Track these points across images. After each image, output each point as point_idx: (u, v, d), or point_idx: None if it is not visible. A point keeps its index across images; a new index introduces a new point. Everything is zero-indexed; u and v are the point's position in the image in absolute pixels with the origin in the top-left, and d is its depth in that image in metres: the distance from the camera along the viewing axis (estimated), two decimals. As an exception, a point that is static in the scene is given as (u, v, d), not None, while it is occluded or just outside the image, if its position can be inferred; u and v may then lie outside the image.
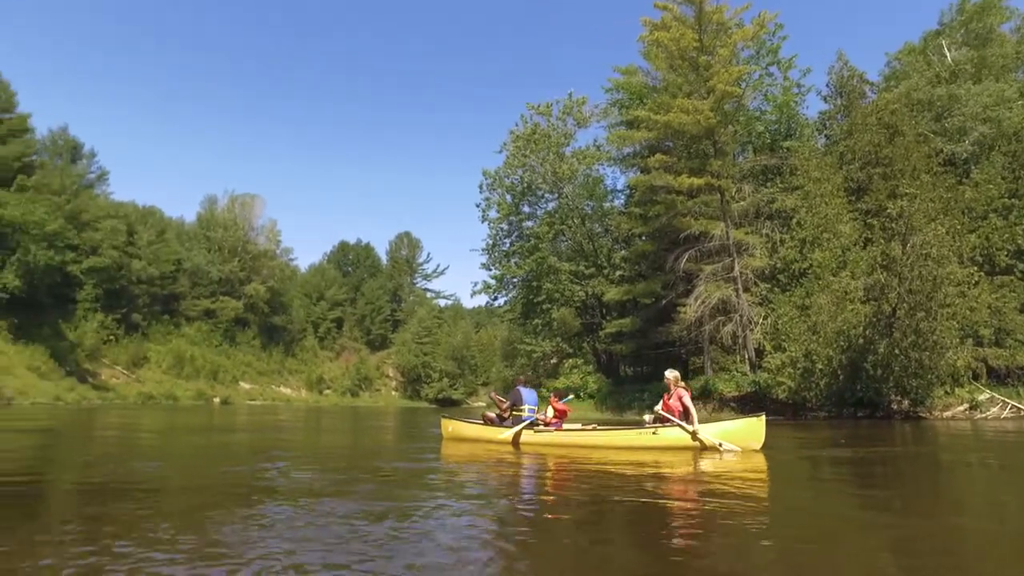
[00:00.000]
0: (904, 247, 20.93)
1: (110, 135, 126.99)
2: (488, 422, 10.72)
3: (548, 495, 5.53)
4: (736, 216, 29.54)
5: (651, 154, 30.57)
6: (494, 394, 11.84)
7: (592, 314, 37.80)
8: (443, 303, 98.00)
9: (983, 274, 23.66)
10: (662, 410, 9.14)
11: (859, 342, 22.07)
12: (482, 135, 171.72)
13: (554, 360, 39.84)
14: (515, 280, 39.15)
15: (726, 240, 28.57)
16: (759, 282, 28.55)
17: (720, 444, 8.53)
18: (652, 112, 29.67)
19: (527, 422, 10.01)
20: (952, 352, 21.31)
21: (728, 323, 27.83)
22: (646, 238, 32.78)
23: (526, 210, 38.70)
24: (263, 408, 40.48)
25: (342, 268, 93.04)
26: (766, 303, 27.93)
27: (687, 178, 27.96)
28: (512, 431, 9.91)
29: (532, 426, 10.04)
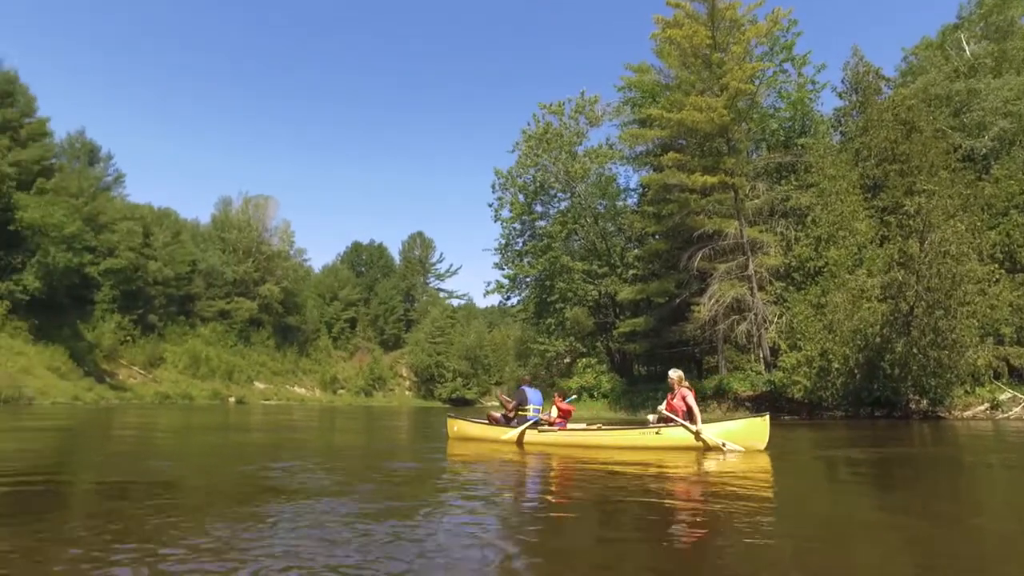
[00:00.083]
0: (922, 244, 20.65)
1: (116, 135, 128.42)
2: (494, 422, 10.74)
3: (552, 495, 5.48)
4: (750, 214, 29.31)
5: (664, 152, 30.37)
6: (501, 394, 11.89)
7: (605, 313, 37.70)
8: (456, 303, 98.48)
9: (1004, 271, 23.30)
10: (666, 410, 9.11)
11: (876, 341, 21.79)
12: (494, 133, 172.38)
13: (567, 359, 39.73)
14: (528, 279, 39.18)
15: (740, 238, 28.35)
16: (774, 280, 28.30)
17: (723, 444, 8.47)
18: (665, 110, 29.51)
19: (531, 422, 10.05)
20: (972, 351, 21.03)
21: (742, 322, 27.62)
22: (659, 237, 32.60)
23: (539, 209, 38.73)
24: (277, 408, 40.76)
25: (355, 268, 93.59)
26: (781, 301, 27.69)
27: (700, 176, 27.77)
28: (516, 431, 9.95)
29: (536, 426, 10.06)
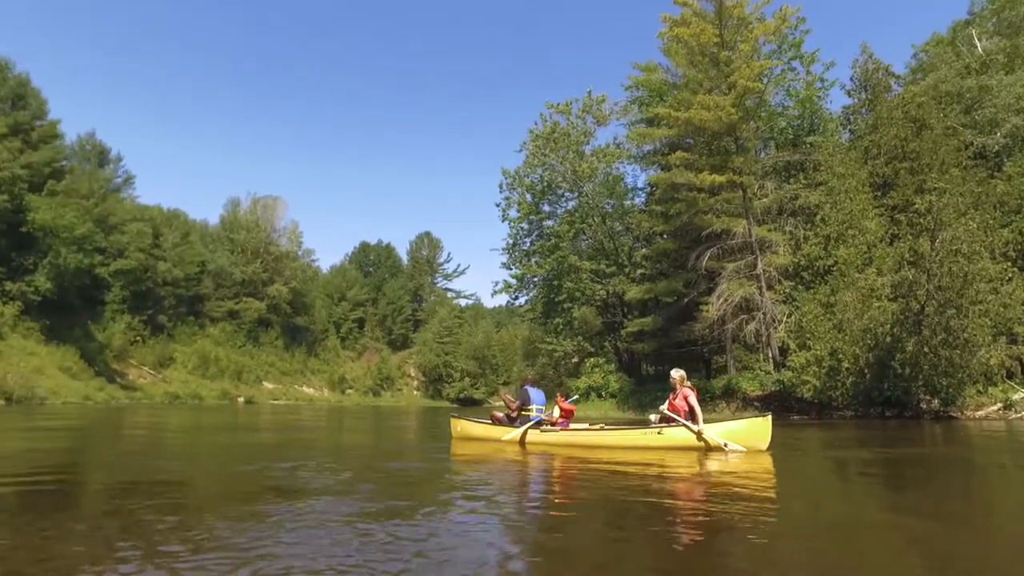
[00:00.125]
0: (933, 243, 20.45)
1: (116, 135, 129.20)
2: (497, 422, 10.77)
3: (553, 494, 5.47)
4: (758, 213, 29.16)
5: (672, 151, 30.26)
6: (504, 394, 11.90)
7: (613, 313, 37.61)
8: (464, 303, 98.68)
9: (1017, 269, 23.04)
10: (667, 410, 9.09)
11: (886, 340, 21.60)
12: (495, 134, 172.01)
13: (575, 359, 39.66)
14: (536, 279, 39.16)
15: (748, 237, 28.20)
16: (782, 279, 28.14)
17: (725, 444, 8.44)
18: (672, 109, 29.41)
19: (533, 422, 10.08)
20: (984, 350, 20.80)
21: (751, 321, 27.47)
22: (667, 236, 32.48)
23: (546, 209, 38.70)
24: (286, 408, 40.92)
25: (363, 269, 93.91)
26: (790, 301, 27.53)
27: (708, 175, 27.65)
28: (518, 431, 9.98)
29: (538, 426, 10.08)
